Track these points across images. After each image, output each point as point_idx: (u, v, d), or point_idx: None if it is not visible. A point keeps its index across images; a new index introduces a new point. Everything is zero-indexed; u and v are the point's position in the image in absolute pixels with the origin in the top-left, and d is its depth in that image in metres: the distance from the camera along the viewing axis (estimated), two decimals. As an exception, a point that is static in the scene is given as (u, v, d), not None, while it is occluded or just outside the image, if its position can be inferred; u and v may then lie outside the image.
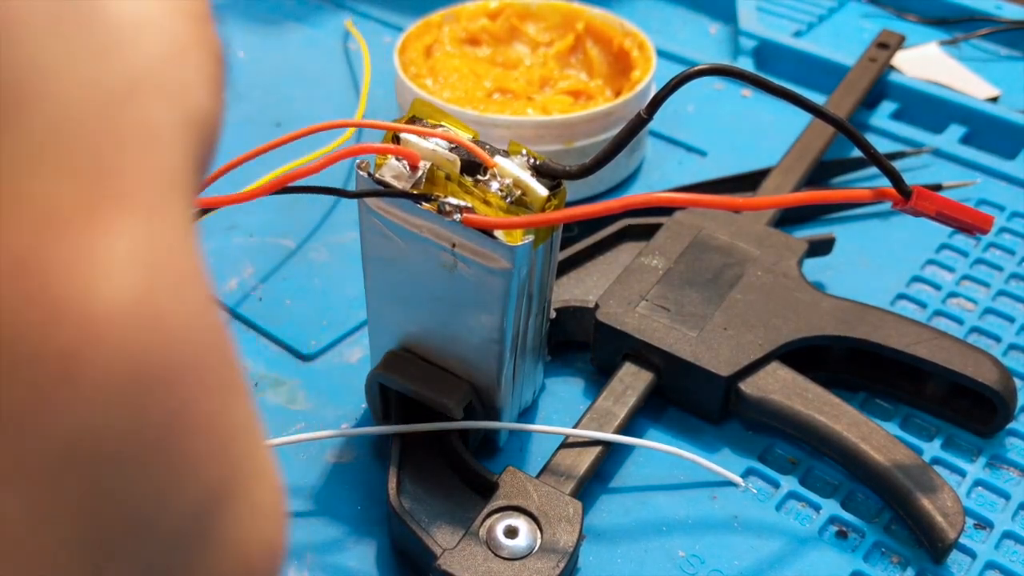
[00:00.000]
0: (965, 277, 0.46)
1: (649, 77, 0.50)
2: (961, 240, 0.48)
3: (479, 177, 0.30)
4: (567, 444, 0.35)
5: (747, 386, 0.37)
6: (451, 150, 0.30)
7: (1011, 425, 0.38)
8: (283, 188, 0.29)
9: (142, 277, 0.11)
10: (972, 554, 0.34)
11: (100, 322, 0.10)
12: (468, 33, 0.54)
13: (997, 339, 0.42)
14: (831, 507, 0.35)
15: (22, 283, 0.09)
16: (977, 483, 0.37)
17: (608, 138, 0.45)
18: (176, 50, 0.13)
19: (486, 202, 0.30)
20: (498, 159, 0.30)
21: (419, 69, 0.52)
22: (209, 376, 0.12)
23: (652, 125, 0.41)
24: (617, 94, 0.51)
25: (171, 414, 0.11)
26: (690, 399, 0.38)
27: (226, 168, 0.30)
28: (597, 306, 0.39)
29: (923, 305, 0.44)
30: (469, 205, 0.29)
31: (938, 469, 0.35)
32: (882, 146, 0.53)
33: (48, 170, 0.10)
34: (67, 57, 0.11)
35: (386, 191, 0.30)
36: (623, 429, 0.36)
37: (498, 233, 0.29)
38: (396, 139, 0.31)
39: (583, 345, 0.40)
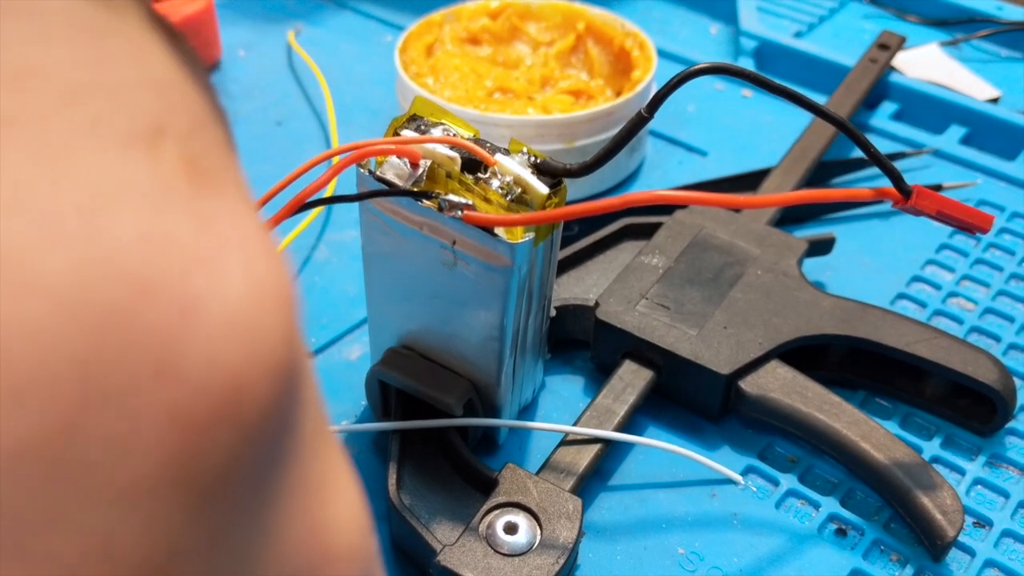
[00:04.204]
0: (965, 277, 0.46)
1: (650, 77, 0.50)
2: (961, 240, 0.48)
3: (480, 175, 0.30)
4: (567, 441, 0.35)
5: (747, 384, 0.37)
6: (452, 148, 0.30)
7: (1010, 424, 0.38)
8: (302, 206, 0.29)
9: (357, 518, 0.16)
10: (971, 552, 0.34)
11: (347, 556, 0.15)
12: (469, 32, 0.55)
13: (997, 339, 0.42)
14: (830, 505, 0.35)
15: (314, 539, 0.15)
16: (976, 482, 0.37)
17: (609, 137, 0.45)
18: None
19: (487, 200, 0.30)
20: (499, 157, 0.30)
21: (420, 68, 0.52)
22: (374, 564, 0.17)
23: (652, 125, 0.41)
24: (618, 94, 0.51)
25: None
26: (690, 397, 0.38)
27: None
28: (597, 304, 0.39)
29: (923, 305, 0.44)
30: (470, 203, 0.29)
31: (938, 468, 0.35)
32: (882, 147, 0.53)
33: (314, 451, 0.14)
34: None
35: (387, 191, 0.30)
36: (623, 427, 0.36)
37: (499, 230, 0.29)
38: (398, 136, 0.31)
39: (583, 343, 0.40)
